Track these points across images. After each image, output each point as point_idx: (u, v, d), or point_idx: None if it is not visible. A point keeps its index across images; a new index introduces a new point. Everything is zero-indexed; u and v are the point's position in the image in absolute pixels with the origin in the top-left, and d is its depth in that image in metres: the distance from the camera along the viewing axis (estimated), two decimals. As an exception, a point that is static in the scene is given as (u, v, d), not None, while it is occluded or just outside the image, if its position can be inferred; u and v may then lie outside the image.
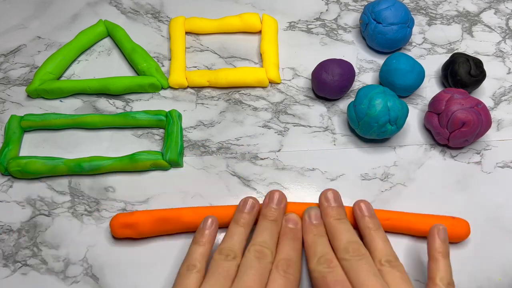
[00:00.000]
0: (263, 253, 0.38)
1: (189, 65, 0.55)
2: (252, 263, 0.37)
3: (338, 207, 0.42)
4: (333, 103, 0.52)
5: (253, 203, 0.42)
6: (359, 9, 0.60)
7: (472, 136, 0.46)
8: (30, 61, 0.55)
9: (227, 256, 0.38)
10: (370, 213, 0.42)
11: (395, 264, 0.38)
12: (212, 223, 0.41)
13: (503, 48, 0.56)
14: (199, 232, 0.40)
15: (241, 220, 0.41)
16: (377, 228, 0.40)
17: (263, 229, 0.40)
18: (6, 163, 0.46)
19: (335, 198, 0.42)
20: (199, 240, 0.40)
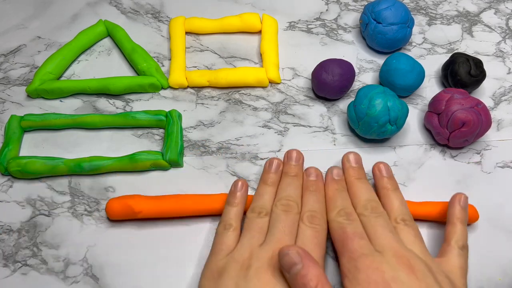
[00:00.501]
0: (289, 206, 0.41)
1: (189, 65, 0.55)
2: (280, 216, 0.40)
3: (359, 168, 0.44)
4: (333, 103, 0.52)
5: (278, 163, 0.45)
6: (359, 9, 0.60)
7: (472, 136, 0.47)
8: (30, 61, 0.55)
9: (260, 213, 0.41)
10: (389, 174, 0.44)
11: (409, 223, 0.40)
12: (243, 185, 0.43)
13: (503, 48, 0.56)
14: (231, 195, 0.43)
15: (269, 179, 0.44)
16: (394, 188, 0.43)
17: (286, 185, 0.43)
18: (6, 163, 0.46)
19: (356, 160, 0.45)
20: (232, 201, 0.42)
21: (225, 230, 0.40)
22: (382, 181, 0.43)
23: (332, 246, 0.41)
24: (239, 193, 0.43)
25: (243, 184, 0.43)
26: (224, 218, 0.41)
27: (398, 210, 0.41)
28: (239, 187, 0.43)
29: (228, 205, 0.42)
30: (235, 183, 0.43)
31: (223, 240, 0.40)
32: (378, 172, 0.44)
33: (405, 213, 0.41)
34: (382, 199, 0.42)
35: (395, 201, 0.42)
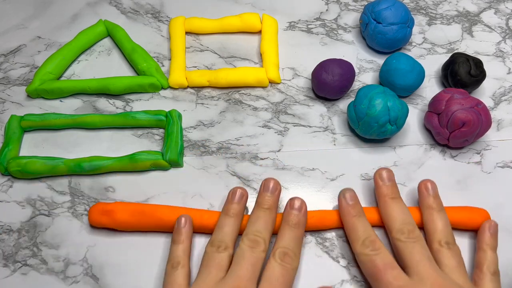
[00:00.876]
0: (256, 242, 0.39)
1: (189, 65, 0.55)
2: (245, 253, 0.38)
3: (392, 186, 0.43)
4: (333, 103, 0.52)
5: (241, 193, 0.42)
6: (359, 9, 0.60)
7: (472, 136, 0.47)
8: (30, 61, 0.55)
9: (218, 247, 0.39)
10: (435, 193, 0.43)
11: (453, 247, 0.39)
12: (186, 221, 0.41)
13: (503, 48, 0.56)
14: (176, 232, 0.41)
15: (231, 210, 0.41)
16: (440, 209, 0.41)
17: (256, 218, 0.41)
18: (6, 163, 0.46)
19: (389, 177, 0.43)
20: (177, 239, 0.41)
21: (173, 269, 0.39)
22: (428, 200, 0.42)
23: None
24: (183, 229, 0.41)
25: (186, 220, 0.41)
26: (171, 257, 0.40)
27: (443, 232, 0.40)
28: (183, 223, 0.41)
29: (174, 243, 0.40)
30: (178, 220, 0.41)
31: (172, 279, 0.38)
32: (425, 191, 0.43)
33: (449, 236, 0.40)
34: (425, 218, 0.41)
35: (439, 222, 0.40)
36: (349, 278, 0.42)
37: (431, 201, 0.42)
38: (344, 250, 0.43)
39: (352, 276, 0.42)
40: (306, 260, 0.42)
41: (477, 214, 0.43)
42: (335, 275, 0.42)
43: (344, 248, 0.43)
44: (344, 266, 0.42)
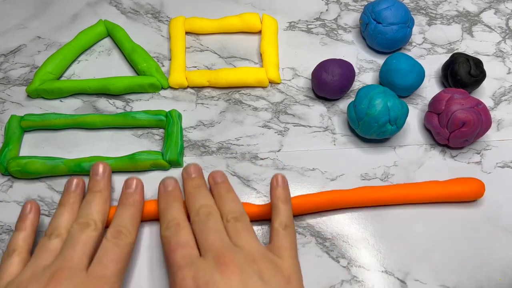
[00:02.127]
0: (86, 224, 0.39)
1: (189, 65, 0.55)
2: (74, 234, 0.38)
3: (196, 177, 0.44)
4: (333, 103, 0.52)
5: (77, 182, 0.43)
6: (359, 9, 0.60)
7: (472, 136, 0.47)
8: (30, 61, 0.55)
9: (51, 235, 0.38)
10: (222, 179, 0.43)
11: (239, 218, 0.39)
12: (31, 209, 0.41)
13: (503, 48, 0.56)
14: (19, 219, 0.41)
15: (65, 200, 0.41)
16: (227, 191, 0.42)
17: (86, 202, 0.41)
18: (6, 163, 0.46)
19: (195, 170, 0.44)
20: (19, 226, 0.40)
21: (7, 257, 0.38)
22: (216, 187, 0.43)
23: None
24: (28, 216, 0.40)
25: (32, 207, 0.41)
26: (9, 244, 0.39)
27: (229, 209, 0.40)
28: (28, 210, 0.41)
29: (16, 230, 0.40)
30: (24, 207, 0.41)
31: (4, 267, 0.37)
32: (212, 180, 0.43)
33: (235, 211, 0.40)
34: (217, 204, 0.42)
35: (226, 201, 0.41)
36: (349, 278, 0.42)
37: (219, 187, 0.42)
38: (344, 250, 0.43)
39: (352, 276, 0.42)
40: (306, 260, 0.42)
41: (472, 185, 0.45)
42: (335, 275, 0.42)
43: (344, 248, 0.43)
44: (344, 266, 0.42)
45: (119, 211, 0.41)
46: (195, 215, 0.40)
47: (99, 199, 0.41)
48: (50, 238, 0.38)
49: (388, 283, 0.42)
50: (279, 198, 0.41)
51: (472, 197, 0.45)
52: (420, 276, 0.42)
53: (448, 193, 0.44)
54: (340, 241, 0.44)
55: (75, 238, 0.37)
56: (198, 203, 0.41)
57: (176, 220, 0.39)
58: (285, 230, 0.39)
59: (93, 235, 0.38)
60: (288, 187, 0.42)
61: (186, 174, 0.44)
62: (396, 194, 0.44)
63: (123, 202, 0.42)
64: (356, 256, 0.43)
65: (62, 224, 0.39)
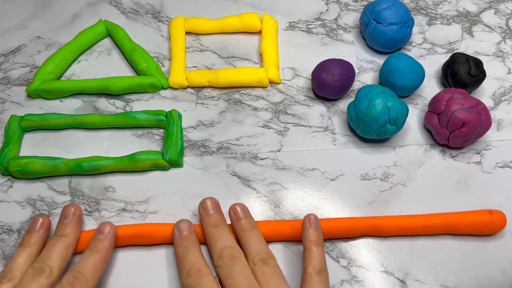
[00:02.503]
0: (41, 269, 0.37)
1: (189, 65, 0.55)
2: (26, 280, 0.36)
3: (215, 214, 0.42)
4: (333, 103, 0.52)
5: (42, 222, 0.41)
6: (359, 9, 0.60)
7: (472, 136, 0.47)
8: (30, 61, 0.55)
9: (3, 279, 0.37)
10: (245, 215, 0.42)
11: (267, 260, 0.38)
12: (42, 226, 0.41)
13: (503, 48, 0.56)
14: (28, 233, 0.40)
15: (26, 241, 0.40)
16: (251, 228, 0.41)
17: (49, 246, 0.39)
18: (6, 163, 0.46)
19: (212, 206, 0.42)
20: (24, 241, 0.40)
21: None
22: (239, 223, 0.41)
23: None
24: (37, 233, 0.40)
25: (44, 223, 0.41)
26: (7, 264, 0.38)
27: (255, 250, 0.39)
28: (38, 226, 0.41)
29: (20, 246, 0.39)
30: (34, 221, 0.41)
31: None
32: (233, 215, 0.42)
33: (262, 252, 0.39)
34: (240, 242, 0.40)
35: (252, 241, 0.39)
36: (349, 278, 0.42)
37: (242, 223, 0.41)
38: (344, 250, 0.43)
39: (352, 276, 0.42)
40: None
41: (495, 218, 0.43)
42: (335, 275, 0.42)
43: (344, 248, 0.43)
44: (344, 266, 0.42)
45: (83, 255, 0.39)
46: (219, 259, 0.38)
47: (62, 244, 0.39)
48: (2, 282, 0.37)
49: (388, 283, 0.42)
50: (312, 241, 0.39)
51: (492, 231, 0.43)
52: (420, 276, 0.42)
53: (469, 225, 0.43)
54: (340, 241, 0.44)
55: (25, 284, 0.36)
56: (219, 244, 0.39)
57: (197, 266, 0.38)
58: (319, 275, 0.37)
59: (45, 282, 0.36)
60: (320, 228, 0.40)
61: (203, 211, 0.42)
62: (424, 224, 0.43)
63: (90, 247, 0.40)
64: (356, 256, 0.43)
65: (17, 267, 0.38)
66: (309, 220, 0.40)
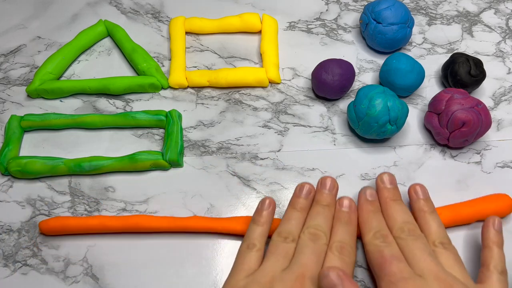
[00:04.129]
0: (317, 235, 0.39)
1: (189, 65, 0.55)
2: (308, 243, 0.39)
3: (393, 189, 0.43)
4: (333, 103, 0.52)
5: (309, 189, 0.43)
6: (359, 9, 0.60)
7: (472, 136, 0.47)
8: (30, 61, 0.55)
9: (286, 238, 0.39)
10: (425, 196, 0.42)
11: (448, 246, 0.39)
12: (270, 204, 0.42)
13: (503, 48, 0.56)
14: (258, 213, 0.41)
15: (298, 205, 0.42)
16: (431, 211, 0.41)
17: (316, 213, 0.41)
18: (6, 163, 0.46)
19: (391, 180, 0.43)
20: (257, 220, 0.41)
21: (248, 250, 0.39)
22: (418, 203, 0.42)
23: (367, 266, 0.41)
24: (265, 212, 0.41)
25: (271, 203, 0.42)
26: (248, 237, 0.40)
27: (436, 233, 0.40)
28: (266, 205, 0.42)
29: (254, 224, 0.41)
30: (263, 201, 0.42)
31: (245, 260, 0.38)
32: (414, 194, 0.43)
33: (443, 236, 0.39)
34: (418, 222, 0.41)
35: (432, 223, 0.40)
36: (349, 278, 0.42)
37: (421, 204, 0.42)
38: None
39: (352, 276, 0.42)
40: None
41: (501, 201, 0.44)
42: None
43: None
44: (344, 266, 0.42)
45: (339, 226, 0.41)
46: (400, 231, 0.39)
47: (328, 213, 0.41)
48: (286, 241, 0.39)
49: (388, 283, 0.42)
50: (494, 242, 0.39)
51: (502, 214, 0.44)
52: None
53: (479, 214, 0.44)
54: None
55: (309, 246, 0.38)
56: (400, 218, 0.40)
57: (383, 231, 0.39)
58: (501, 275, 0.38)
59: (324, 249, 0.39)
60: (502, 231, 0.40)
61: (381, 183, 0.43)
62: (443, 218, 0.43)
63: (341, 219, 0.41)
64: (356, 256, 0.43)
65: (294, 229, 0.40)
66: (493, 222, 0.40)
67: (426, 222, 0.40)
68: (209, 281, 0.42)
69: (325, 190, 0.43)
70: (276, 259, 0.38)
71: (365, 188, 0.43)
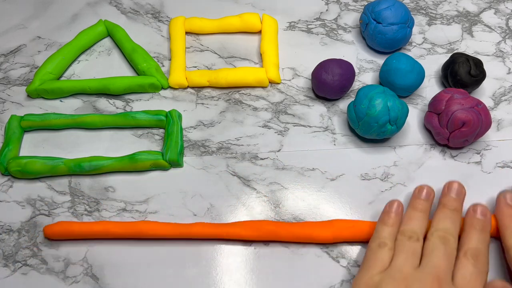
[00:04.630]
0: (446, 238, 0.39)
1: (189, 65, 0.55)
2: (438, 245, 0.38)
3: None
4: (333, 103, 0.52)
5: (428, 191, 0.43)
6: (359, 9, 0.60)
7: (472, 136, 0.47)
8: (30, 61, 0.55)
9: (410, 237, 0.39)
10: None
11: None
12: (399, 207, 0.42)
13: (503, 48, 0.56)
14: (386, 214, 0.42)
15: (419, 206, 0.42)
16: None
17: (444, 217, 0.41)
18: (6, 163, 0.46)
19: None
20: (386, 220, 0.41)
21: (379, 248, 0.39)
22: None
23: None
24: (393, 214, 0.41)
25: (399, 206, 0.42)
26: (377, 235, 0.40)
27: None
28: (395, 207, 0.42)
29: (382, 224, 0.41)
30: (391, 203, 0.42)
31: (378, 256, 0.39)
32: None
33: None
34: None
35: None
36: (349, 278, 0.42)
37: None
38: (344, 250, 0.43)
39: (352, 276, 0.42)
40: (306, 260, 0.42)
41: None
42: (335, 275, 0.42)
43: (344, 248, 0.43)
44: (344, 266, 0.42)
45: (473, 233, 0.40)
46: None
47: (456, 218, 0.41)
48: (411, 241, 0.39)
49: (388, 283, 0.42)
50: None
51: None
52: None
53: None
54: (340, 241, 0.44)
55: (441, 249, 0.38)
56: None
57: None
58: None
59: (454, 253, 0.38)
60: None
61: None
62: None
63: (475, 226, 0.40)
64: (356, 256, 0.43)
65: (418, 229, 0.40)
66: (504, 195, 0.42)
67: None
68: (209, 281, 0.42)
69: (453, 194, 0.42)
70: (405, 256, 0.38)
71: (504, 192, 0.43)
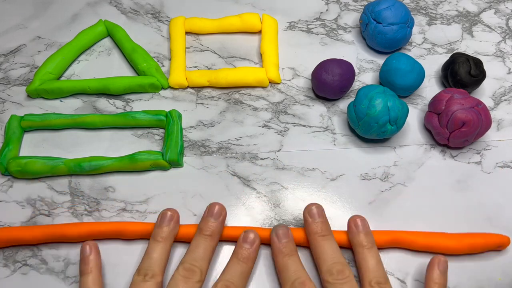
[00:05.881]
0: (191, 271, 0.38)
1: (189, 65, 0.55)
2: (178, 283, 0.37)
3: (322, 223, 0.40)
4: (333, 103, 0.52)
5: (171, 216, 0.41)
6: (359, 9, 0.60)
7: (472, 136, 0.47)
8: (30, 61, 0.55)
9: (145, 276, 0.37)
10: (366, 230, 0.41)
11: (384, 286, 0.37)
12: (91, 249, 0.40)
13: (503, 48, 0.56)
14: (82, 262, 0.39)
15: (159, 235, 0.40)
16: (371, 246, 0.40)
17: (196, 245, 0.39)
18: (6, 163, 0.46)
19: (319, 213, 0.41)
20: (85, 269, 0.39)
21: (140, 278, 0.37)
22: (358, 237, 0.40)
23: None
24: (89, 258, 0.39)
25: (91, 248, 0.39)
26: None
27: (374, 272, 0.38)
28: (87, 252, 0.39)
29: (82, 275, 0.39)
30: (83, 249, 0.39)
31: None
32: (354, 228, 0.40)
33: (380, 275, 0.38)
34: (356, 257, 0.40)
35: (371, 260, 0.38)
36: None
37: (361, 238, 0.40)
38: (343, 251, 0.43)
39: (352, 276, 0.42)
40: (306, 260, 0.42)
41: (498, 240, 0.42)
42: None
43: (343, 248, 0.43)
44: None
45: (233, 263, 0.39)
46: (328, 274, 0.37)
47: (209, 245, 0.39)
48: (145, 279, 0.37)
49: (388, 283, 0.42)
50: (437, 283, 0.38)
51: None
52: (420, 276, 0.42)
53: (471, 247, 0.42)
54: (340, 241, 0.44)
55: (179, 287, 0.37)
56: (329, 258, 0.38)
57: (301, 279, 0.37)
58: None
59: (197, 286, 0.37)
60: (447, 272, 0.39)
61: (310, 217, 0.41)
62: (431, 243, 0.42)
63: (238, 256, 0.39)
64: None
65: (155, 263, 0.38)
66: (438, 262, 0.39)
67: (364, 258, 0.39)
68: (206, 279, 0.42)
69: (211, 217, 0.40)
70: None
71: (276, 227, 0.41)
